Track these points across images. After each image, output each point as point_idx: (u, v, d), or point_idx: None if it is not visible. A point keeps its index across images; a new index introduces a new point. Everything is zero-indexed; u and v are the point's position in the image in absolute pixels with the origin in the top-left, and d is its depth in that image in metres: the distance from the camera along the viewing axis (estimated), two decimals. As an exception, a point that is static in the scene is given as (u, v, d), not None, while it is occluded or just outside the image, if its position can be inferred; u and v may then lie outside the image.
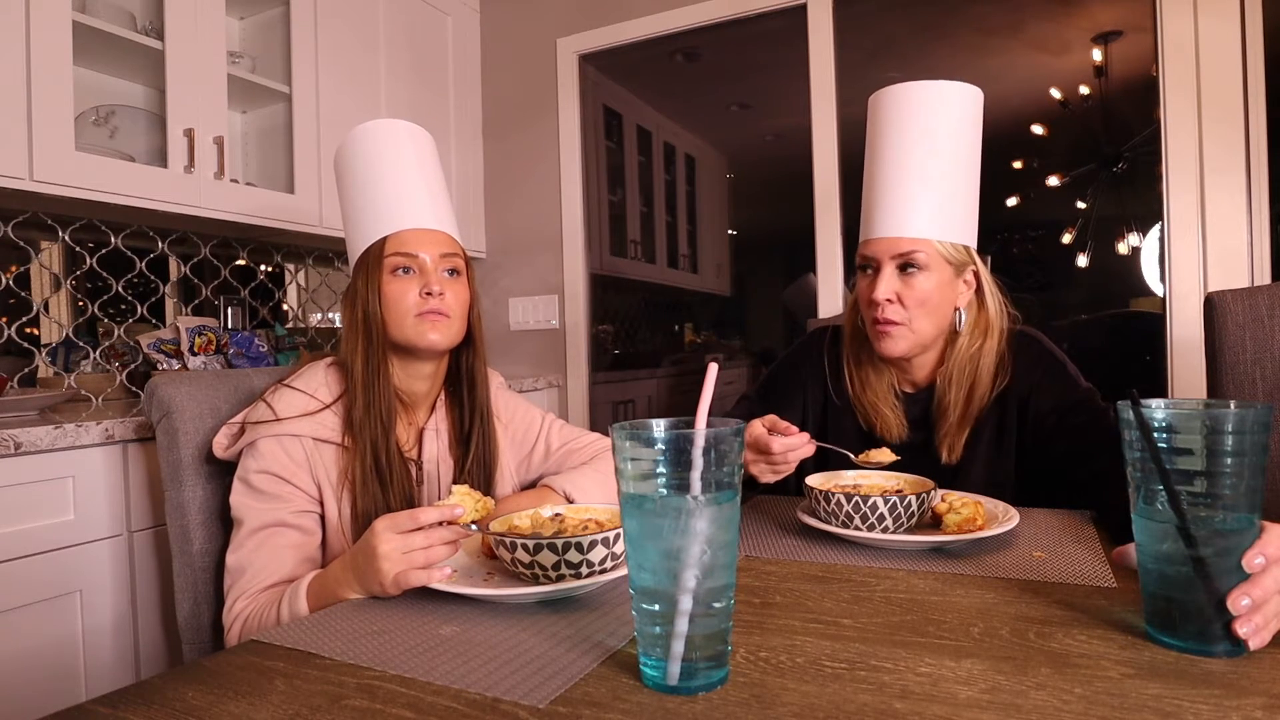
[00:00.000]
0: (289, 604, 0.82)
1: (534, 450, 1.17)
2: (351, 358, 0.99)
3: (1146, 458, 0.56)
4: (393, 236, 1.01)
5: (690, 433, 0.50)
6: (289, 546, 0.92)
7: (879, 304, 1.02)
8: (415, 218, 1.02)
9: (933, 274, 1.02)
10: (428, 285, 0.99)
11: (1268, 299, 1.16)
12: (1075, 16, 2.38)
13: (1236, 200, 1.80)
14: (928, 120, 1.01)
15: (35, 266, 1.80)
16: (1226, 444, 0.54)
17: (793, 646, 0.58)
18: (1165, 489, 0.55)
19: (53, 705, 1.20)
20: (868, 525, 0.86)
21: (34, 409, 1.51)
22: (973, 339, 1.07)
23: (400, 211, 1.02)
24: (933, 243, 1.02)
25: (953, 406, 1.06)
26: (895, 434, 1.11)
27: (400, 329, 0.99)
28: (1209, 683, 0.50)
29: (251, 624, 0.85)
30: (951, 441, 1.06)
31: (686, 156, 3.95)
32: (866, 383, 1.12)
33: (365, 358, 0.98)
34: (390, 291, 0.99)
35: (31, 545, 1.24)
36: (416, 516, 0.73)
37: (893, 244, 1.02)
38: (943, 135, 1.01)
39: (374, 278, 1.00)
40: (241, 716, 0.50)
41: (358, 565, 0.76)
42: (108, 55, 1.75)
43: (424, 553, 0.72)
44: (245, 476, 0.94)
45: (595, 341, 2.73)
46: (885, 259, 1.03)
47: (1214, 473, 0.54)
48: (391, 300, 0.99)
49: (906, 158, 1.01)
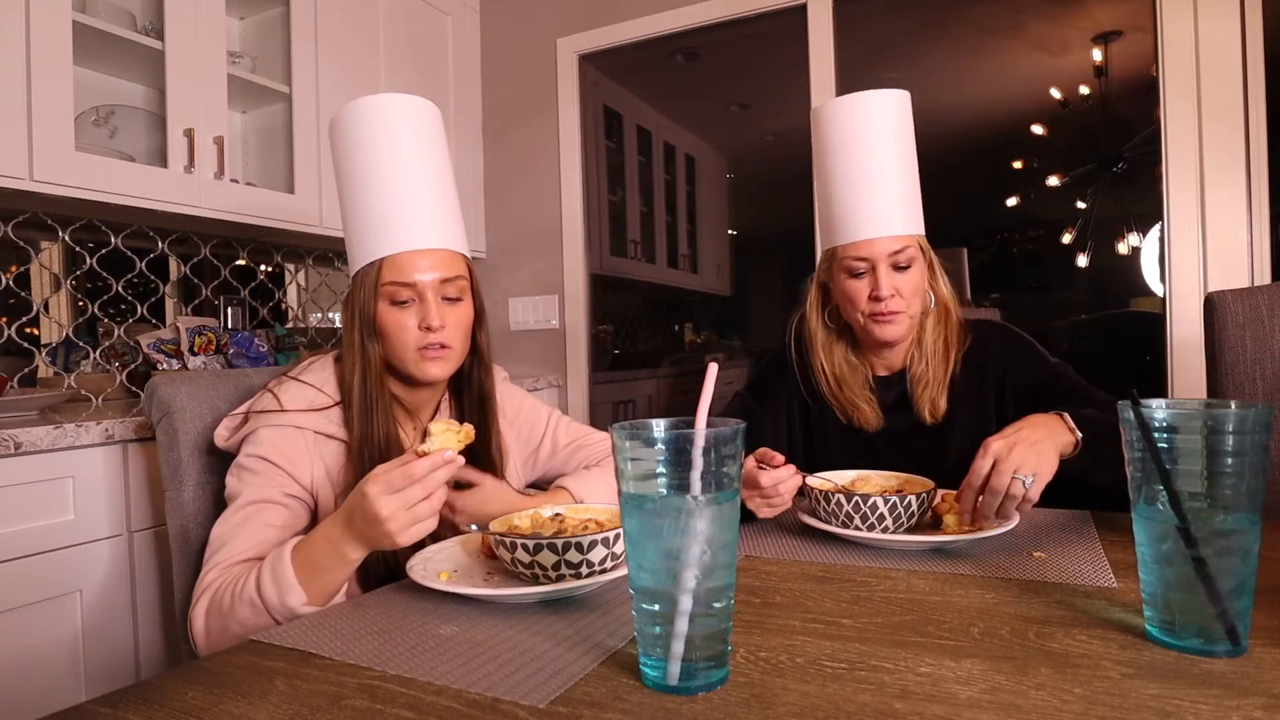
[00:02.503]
0: (271, 569, 0.78)
1: (540, 446, 1.17)
2: (350, 373, 0.97)
3: (1147, 458, 0.56)
4: (389, 261, 0.95)
5: (690, 432, 0.50)
6: (274, 525, 0.89)
7: (883, 299, 1.10)
8: (412, 237, 0.96)
9: (919, 265, 1.13)
10: (427, 320, 0.95)
11: (1268, 299, 1.16)
12: (1075, 16, 2.38)
13: (1236, 200, 1.80)
14: (879, 127, 1.11)
15: (35, 266, 1.80)
16: (1227, 444, 0.54)
17: (793, 646, 0.58)
18: (1165, 489, 0.55)
19: (53, 705, 1.20)
20: (868, 525, 0.86)
21: (34, 409, 1.51)
22: (937, 314, 1.18)
23: (396, 231, 0.96)
24: (914, 238, 1.12)
25: (931, 372, 1.15)
26: (872, 424, 1.17)
27: (400, 361, 0.97)
28: (1208, 683, 0.50)
29: (222, 596, 0.81)
30: (933, 400, 1.14)
31: (686, 156, 3.95)
32: (842, 380, 1.19)
33: (363, 379, 0.96)
34: (388, 323, 0.96)
35: (31, 545, 1.24)
36: (409, 473, 0.72)
37: (885, 244, 1.10)
38: (892, 139, 1.12)
39: (369, 306, 0.96)
40: (241, 716, 0.50)
41: (357, 528, 0.75)
42: (108, 55, 1.75)
43: (426, 503, 0.72)
44: (242, 461, 0.93)
45: (595, 341, 2.73)
46: (881, 259, 1.11)
47: (1214, 472, 0.54)
48: (390, 332, 0.96)
49: (873, 163, 1.11)
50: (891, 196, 1.11)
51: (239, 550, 0.86)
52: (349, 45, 2.19)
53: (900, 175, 1.12)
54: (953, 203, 1.31)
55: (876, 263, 1.10)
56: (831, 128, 1.13)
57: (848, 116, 1.12)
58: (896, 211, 1.11)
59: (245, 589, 0.79)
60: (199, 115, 1.77)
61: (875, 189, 1.10)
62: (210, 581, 0.84)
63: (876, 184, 1.10)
